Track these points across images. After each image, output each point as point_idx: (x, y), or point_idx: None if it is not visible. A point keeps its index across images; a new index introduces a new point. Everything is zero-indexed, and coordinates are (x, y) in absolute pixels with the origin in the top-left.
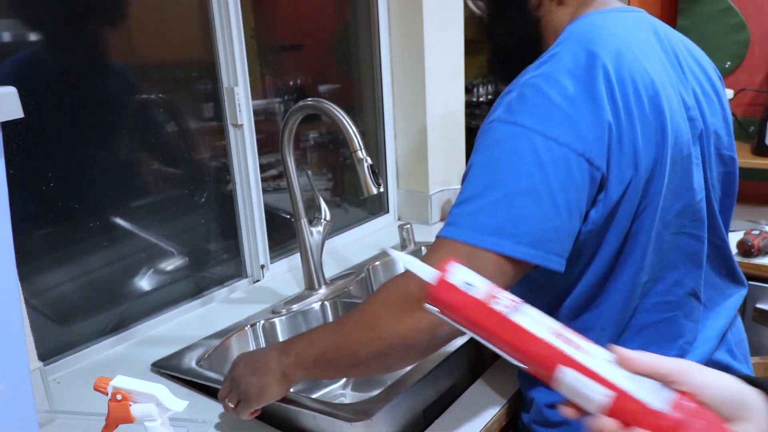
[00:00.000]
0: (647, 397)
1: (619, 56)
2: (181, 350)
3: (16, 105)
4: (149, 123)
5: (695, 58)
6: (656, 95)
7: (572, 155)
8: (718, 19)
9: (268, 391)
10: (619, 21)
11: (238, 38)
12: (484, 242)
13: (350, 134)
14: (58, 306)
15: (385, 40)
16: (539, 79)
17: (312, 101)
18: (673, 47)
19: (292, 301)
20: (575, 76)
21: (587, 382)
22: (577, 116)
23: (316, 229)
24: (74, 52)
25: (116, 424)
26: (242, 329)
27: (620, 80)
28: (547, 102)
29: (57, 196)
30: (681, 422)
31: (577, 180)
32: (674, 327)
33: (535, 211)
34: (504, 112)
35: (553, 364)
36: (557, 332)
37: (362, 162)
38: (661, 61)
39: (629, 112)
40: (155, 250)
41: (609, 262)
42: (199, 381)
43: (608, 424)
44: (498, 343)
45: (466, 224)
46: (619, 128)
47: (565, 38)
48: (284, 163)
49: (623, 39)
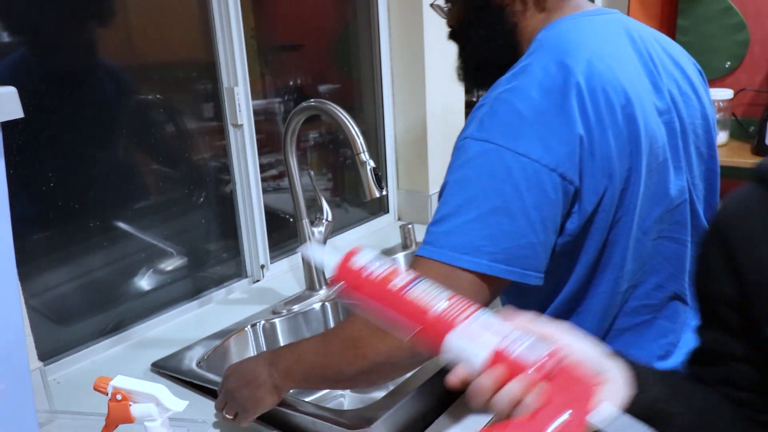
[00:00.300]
0: (522, 352)
1: (590, 67)
2: (181, 350)
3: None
4: (149, 123)
5: (671, 57)
6: (629, 104)
7: (544, 171)
8: (718, 19)
9: (263, 403)
10: (590, 27)
11: (238, 38)
12: (460, 261)
13: (353, 136)
14: (58, 306)
15: (385, 40)
16: (510, 94)
17: (315, 102)
18: (647, 48)
19: (292, 302)
20: (546, 90)
21: (469, 345)
22: (548, 131)
23: (317, 229)
24: (74, 52)
25: (116, 424)
26: (242, 330)
27: (591, 91)
28: (517, 118)
29: (57, 196)
30: (551, 373)
31: (550, 195)
32: (653, 329)
33: (510, 228)
34: (476, 128)
35: (442, 334)
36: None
37: (365, 165)
38: (634, 65)
39: (601, 123)
40: (155, 250)
41: (588, 271)
42: (198, 383)
43: (486, 382)
44: (394, 318)
45: (442, 243)
46: (591, 140)
47: (536, 48)
48: (287, 163)
49: (594, 47)
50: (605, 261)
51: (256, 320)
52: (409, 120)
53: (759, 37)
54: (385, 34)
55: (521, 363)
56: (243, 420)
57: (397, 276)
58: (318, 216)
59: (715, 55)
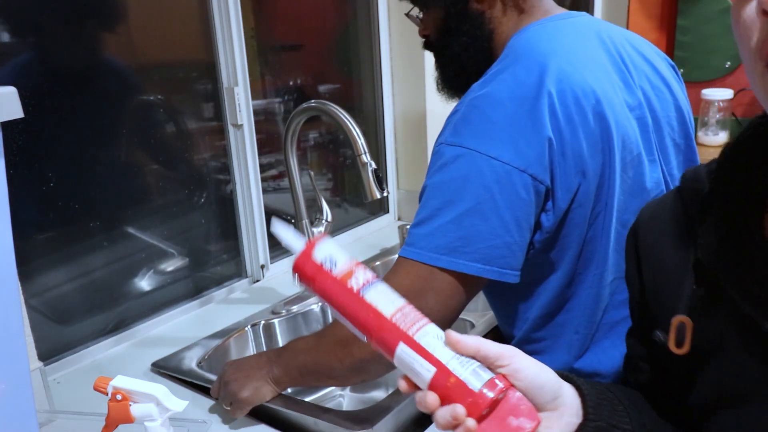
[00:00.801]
0: (467, 376)
1: (560, 71)
2: (181, 350)
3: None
4: (149, 123)
5: (641, 54)
6: (598, 103)
7: (515, 172)
8: (718, 19)
9: (257, 395)
10: (559, 32)
11: (238, 38)
12: (439, 261)
13: (355, 137)
14: (58, 306)
15: (385, 40)
16: (482, 100)
17: (316, 103)
18: (617, 48)
19: (292, 302)
20: (516, 96)
21: (418, 359)
22: (518, 135)
23: (317, 229)
24: (74, 52)
25: (116, 424)
26: (242, 330)
27: (561, 95)
28: (489, 123)
29: (57, 196)
30: (491, 400)
31: (522, 195)
32: None
33: (485, 229)
34: (450, 134)
35: (395, 342)
36: (401, 310)
37: (366, 166)
38: (604, 66)
39: (571, 124)
40: (155, 250)
41: (572, 266)
42: (198, 382)
43: (431, 400)
44: (349, 319)
45: (421, 245)
46: (562, 141)
47: (508, 54)
48: (287, 164)
49: (563, 52)
50: (589, 255)
51: (256, 320)
52: (409, 120)
53: None
54: (385, 34)
55: (465, 386)
56: (237, 410)
57: (355, 275)
58: (318, 216)
59: (715, 55)
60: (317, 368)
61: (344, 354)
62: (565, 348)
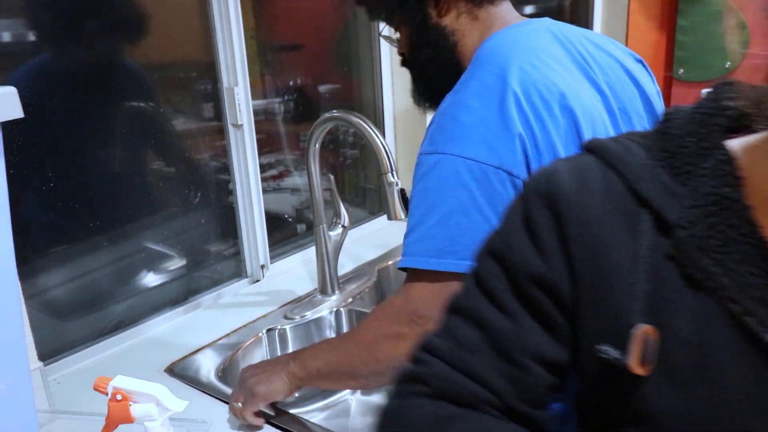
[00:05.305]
0: None
1: (522, 72)
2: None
3: (16, 105)
4: (149, 123)
5: (602, 49)
6: (563, 97)
7: (490, 170)
8: (718, 19)
9: (273, 390)
10: (519, 37)
11: (238, 38)
12: (429, 264)
13: (382, 155)
14: (59, 306)
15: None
16: (452, 108)
17: (339, 113)
18: (575, 47)
19: (305, 306)
20: (483, 98)
21: None
22: (489, 134)
23: (334, 233)
24: (74, 52)
25: (116, 424)
26: (242, 330)
27: (526, 93)
28: (460, 127)
29: (57, 196)
30: None
31: (500, 191)
32: None
33: (468, 226)
34: (428, 144)
35: None
36: None
37: (393, 185)
38: (563, 63)
39: (540, 119)
40: (155, 250)
41: None
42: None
43: None
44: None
45: (412, 252)
46: (533, 136)
47: (474, 63)
48: (308, 171)
49: (524, 54)
50: None
51: (257, 320)
52: (409, 120)
53: (759, 37)
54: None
55: None
56: (249, 405)
57: None
58: (335, 220)
59: (715, 55)
60: (339, 369)
61: (369, 358)
62: None
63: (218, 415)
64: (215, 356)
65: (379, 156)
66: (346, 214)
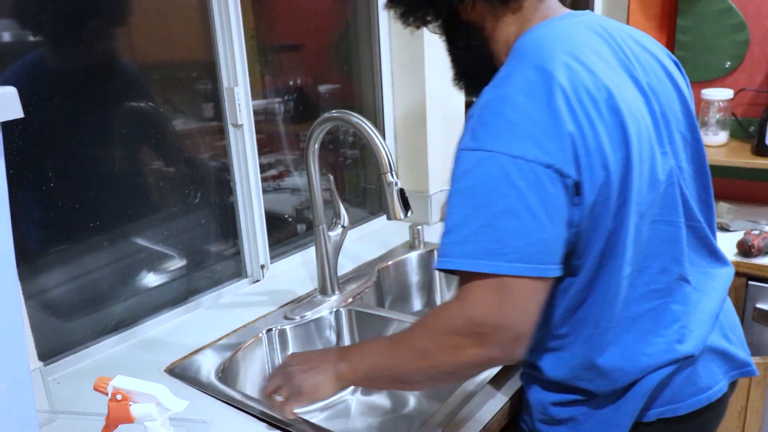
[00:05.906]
0: None
1: (568, 68)
2: (190, 354)
3: (16, 105)
4: (149, 123)
5: (645, 48)
6: (610, 97)
7: (540, 168)
8: (718, 19)
9: (320, 389)
10: (562, 31)
11: (238, 38)
12: (479, 267)
13: (381, 154)
14: (59, 306)
15: (385, 40)
16: (496, 102)
17: (339, 113)
18: (618, 44)
19: (305, 307)
20: (530, 94)
21: None
22: (538, 131)
23: (334, 233)
24: (74, 52)
25: (116, 424)
26: (241, 330)
27: (574, 90)
28: (506, 123)
29: (57, 196)
30: None
31: (550, 191)
32: (666, 313)
33: (518, 228)
34: (470, 139)
35: None
36: None
37: (392, 185)
38: (608, 62)
39: (589, 118)
40: (155, 250)
41: (597, 261)
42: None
43: None
44: None
45: (457, 253)
46: (583, 136)
47: (514, 57)
48: (308, 171)
49: (569, 50)
50: (611, 249)
51: (257, 321)
52: (409, 120)
53: (759, 37)
54: (385, 34)
55: None
56: (294, 403)
57: None
58: (335, 220)
59: (715, 55)
60: (392, 372)
61: (425, 365)
62: (585, 343)
63: (218, 415)
64: (215, 356)
65: (378, 156)
66: (346, 214)
